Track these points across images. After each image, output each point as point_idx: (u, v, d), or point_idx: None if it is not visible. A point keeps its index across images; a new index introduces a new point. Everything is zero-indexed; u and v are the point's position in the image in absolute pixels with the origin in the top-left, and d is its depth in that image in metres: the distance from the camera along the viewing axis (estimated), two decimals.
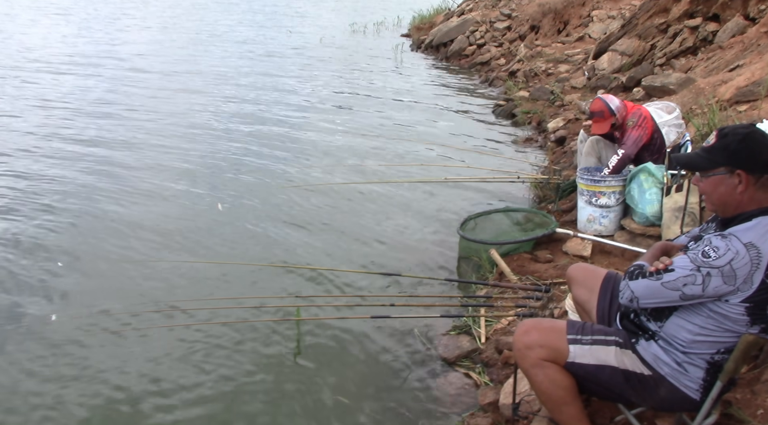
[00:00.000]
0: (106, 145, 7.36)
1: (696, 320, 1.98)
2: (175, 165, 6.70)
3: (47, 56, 13.42)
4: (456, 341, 3.53)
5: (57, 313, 3.87)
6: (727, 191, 1.96)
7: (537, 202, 5.67)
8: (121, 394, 3.18)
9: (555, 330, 2.18)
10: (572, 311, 2.86)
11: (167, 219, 5.29)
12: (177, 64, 12.87)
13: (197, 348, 3.55)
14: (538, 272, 4.11)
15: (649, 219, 4.23)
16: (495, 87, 11.19)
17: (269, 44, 16.00)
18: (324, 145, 7.60)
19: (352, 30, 18.61)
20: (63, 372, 3.35)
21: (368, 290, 4.16)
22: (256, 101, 9.87)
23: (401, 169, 6.60)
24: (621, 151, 4.48)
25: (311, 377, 3.33)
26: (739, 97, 5.20)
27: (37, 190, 5.90)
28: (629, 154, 4.47)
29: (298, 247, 4.86)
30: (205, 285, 4.23)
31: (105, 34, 17.05)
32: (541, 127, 8.17)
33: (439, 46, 14.74)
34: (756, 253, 1.85)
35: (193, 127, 8.25)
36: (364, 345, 3.60)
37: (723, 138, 1.97)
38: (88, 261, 4.56)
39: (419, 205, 5.73)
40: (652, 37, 8.48)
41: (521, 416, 2.67)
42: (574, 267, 2.59)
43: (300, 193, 5.93)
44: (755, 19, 6.91)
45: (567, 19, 12.78)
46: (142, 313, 3.82)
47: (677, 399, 2.07)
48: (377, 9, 23.30)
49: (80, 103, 9.44)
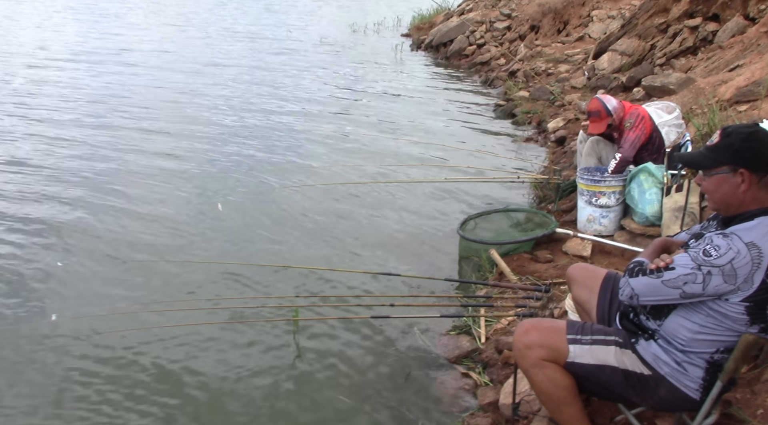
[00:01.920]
0: (106, 144, 7.34)
1: (695, 318, 1.98)
2: (175, 165, 6.70)
3: (48, 52, 13.42)
4: (456, 341, 3.53)
5: (57, 313, 3.87)
6: (730, 190, 1.96)
7: (537, 202, 5.67)
8: (120, 394, 3.18)
9: (555, 330, 2.18)
10: (572, 311, 2.86)
11: (167, 219, 5.30)
12: (174, 65, 12.85)
13: (197, 348, 3.55)
14: (538, 272, 4.11)
15: (649, 219, 4.23)
16: (495, 87, 11.17)
17: (269, 44, 15.99)
18: (323, 145, 7.59)
19: (352, 30, 18.59)
20: (62, 371, 3.35)
21: (368, 290, 4.17)
22: (255, 101, 9.86)
23: (401, 169, 6.60)
24: (618, 155, 4.51)
25: (311, 377, 3.34)
26: (739, 97, 5.20)
27: (36, 190, 5.90)
28: (626, 157, 4.49)
29: (298, 247, 4.86)
30: (204, 285, 4.24)
31: (110, 31, 17.05)
32: (541, 127, 8.17)
33: (439, 46, 14.73)
34: (757, 253, 1.85)
35: (191, 127, 8.24)
36: (364, 345, 3.60)
37: (726, 137, 1.98)
38: (87, 261, 4.56)
39: (419, 205, 5.73)
40: (652, 37, 8.47)
41: (521, 416, 2.67)
42: (574, 267, 2.59)
43: (300, 193, 5.93)
44: (755, 19, 6.91)
45: (567, 19, 12.77)
46: (141, 313, 3.82)
47: (677, 399, 2.07)
48: (377, 9, 23.29)
49: (76, 102, 9.43)
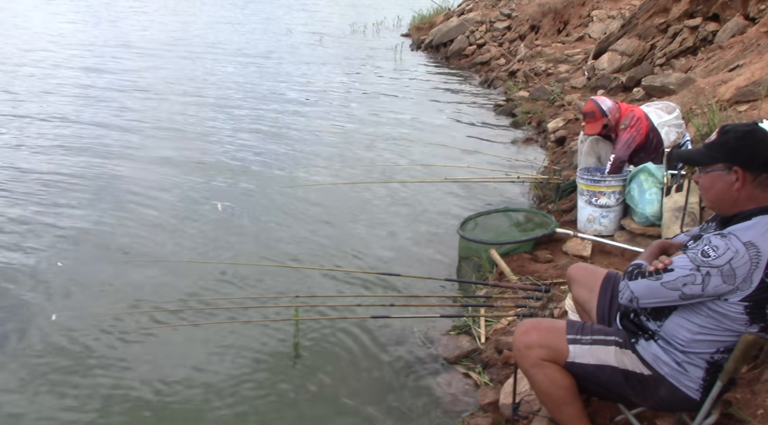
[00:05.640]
0: (105, 145, 7.34)
1: (695, 319, 1.98)
2: (174, 165, 6.69)
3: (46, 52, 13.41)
4: (456, 341, 3.53)
5: (57, 313, 3.87)
6: (724, 188, 1.97)
7: (537, 202, 5.67)
8: (120, 394, 3.18)
9: (555, 330, 2.18)
10: (572, 311, 2.86)
11: (167, 219, 5.29)
12: (171, 64, 12.85)
13: (196, 348, 3.56)
14: (538, 272, 4.11)
15: (649, 219, 4.23)
16: (495, 87, 11.18)
17: (269, 44, 15.99)
18: (323, 145, 7.59)
19: (352, 30, 18.58)
20: (63, 372, 3.35)
21: (368, 290, 4.17)
22: (254, 101, 9.85)
23: (401, 169, 6.60)
24: (612, 156, 4.54)
25: (311, 377, 3.34)
26: (739, 97, 5.20)
27: (35, 189, 5.89)
28: (620, 157, 4.51)
29: (298, 247, 4.86)
30: (204, 285, 4.23)
31: (112, 26, 17.05)
32: (541, 127, 8.17)
33: (439, 46, 14.73)
34: (755, 252, 1.85)
35: (190, 127, 8.24)
36: (364, 345, 3.60)
37: (723, 135, 1.99)
38: (87, 261, 4.56)
39: (419, 205, 5.73)
40: (652, 37, 8.47)
41: (521, 416, 2.67)
42: (574, 267, 2.59)
43: (299, 193, 5.93)
44: (755, 19, 6.91)
45: (567, 19, 12.77)
46: (141, 313, 3.82)
47: (677, 399, 2.07)
48: (377, 9, 23.29)
49: (74, 102, 9.43)
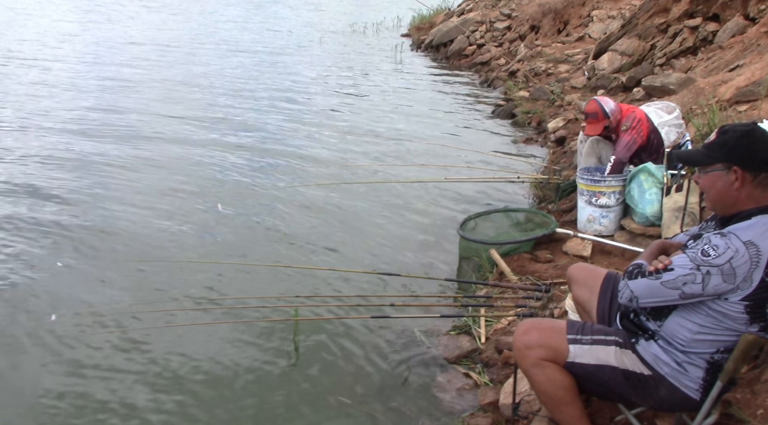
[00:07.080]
0: (105, 145, 7.34)
1: (695, 319, 1.98)
2: (175, 165, 6.69)
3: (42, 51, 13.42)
4: (456, 341, 3.53)
5: (57, 313, 3.86)
6: (724, 187, 1.97)
7: (537, 201, 5.67)
8: (119, 394, 3.18)
9: (555, 330, 2.18)
10: (572, 311, 2.86)
11: (167, 219, 5.29)
12: (170, 64, 12.85)
13: (196, 348, 3.55)
14: (538, 272, 4.10)
15: (649, 219, 4.23)
16: (495, 87, 11.18)
17: (269, 43, 15.99)
18: (323, 145, 7.59)
19: (352, 30, 18.60)
20: (62, 371, 3.35)
21: (368, 290, 4.17)
22: (254, 101, 9.85)
23: (401, 169, 6.60)
24: (612, 157, 4.54)
25: (311, 377, 3.33)
26: (739, 97, 5.20)
27: (35, 189, 5.89)
28: (620, 159, 4.51)
29: (298, 247, 4.86)
30: (204, 285, 4.23)
31: (118, 28, 17.07)
32: (541, 127, 8.17)
33: (439, 46, 14.74)
34: (755, 251, 1.85)
35: (190, 126, 8.24)
36: (364, 345, 3.60)
37: (722, 135, 1.99)
38: (87, 261, 4.56)
39: (419, 205, 5.73)
40: (652, 37, 8.47)
41: (521, 416, 2.67)
42: (574, 267, 2.59)
43: (299, 193, 5.92)
44: (755, 19, 6.90)
45: (567, 19, 12.77)
46: (141, 313, 3.82)
47: (677, 399, 2.07)
48: (377, 9, 23.30)
49: (74, 102, 9.44)
